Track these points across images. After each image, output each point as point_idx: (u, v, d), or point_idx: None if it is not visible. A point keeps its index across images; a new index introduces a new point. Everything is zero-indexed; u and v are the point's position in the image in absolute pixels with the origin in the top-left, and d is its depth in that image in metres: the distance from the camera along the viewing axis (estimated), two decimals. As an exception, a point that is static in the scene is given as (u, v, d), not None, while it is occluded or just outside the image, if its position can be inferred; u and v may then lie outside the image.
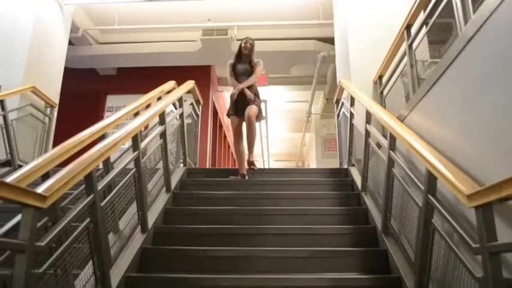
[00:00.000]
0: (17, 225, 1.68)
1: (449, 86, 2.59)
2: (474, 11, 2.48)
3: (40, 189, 1.70)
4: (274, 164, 17.66)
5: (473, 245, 1.70)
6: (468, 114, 2.30)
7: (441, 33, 3.21)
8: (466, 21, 2.55)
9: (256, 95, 4.98)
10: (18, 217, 1.69)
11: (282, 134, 14.59)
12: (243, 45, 4.95)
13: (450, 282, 2.02)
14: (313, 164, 11.50)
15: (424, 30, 3.48)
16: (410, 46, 3.70)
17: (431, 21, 3.24)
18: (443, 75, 2.63)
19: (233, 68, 4.99)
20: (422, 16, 3.53)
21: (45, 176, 1.92)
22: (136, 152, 2.98)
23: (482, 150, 2.11)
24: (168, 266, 2.64)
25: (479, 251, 1.64)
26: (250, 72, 4.93)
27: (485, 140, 2.08)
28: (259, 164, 16.85)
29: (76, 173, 1.98)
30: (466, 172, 2.03)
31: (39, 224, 1.75)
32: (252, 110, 4.81)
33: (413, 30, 3.72)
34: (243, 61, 4.98)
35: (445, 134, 2.59)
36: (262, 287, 2.64)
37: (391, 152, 2.99)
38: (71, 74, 7.22)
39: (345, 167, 4.88)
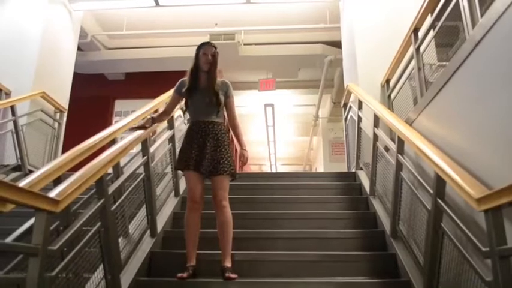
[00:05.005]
0: (29, 229, 1.71)
1: (458, 89, 2.59)
2: (482, 15, 2.48)
3: (52, 194, 1.72)
4: (281, 168, 17.61)
5: (483, 249, 1.70)
6: (477, 117, 2.30)
7: (449, 36, 3.20)
8: (473, 25, 2.54)
9: (225, 142, 2.81)
10: (31, 221, 1.72)
11: (289, 138, 14.58)
12: (202, 57, 2.81)
13: (460, 286, 2.01)
14: (320, 168, 11.45)
15: (431, 33, 3.47)
16: (417, 49, 3.69)
17: (438, 25, 3.24)
18: (451, 78, 2.62)
19: (188, 95, 2.87)
20: (429, 19, 3.53)
21: (57, 181, 1.95)
22: (145, 157, 3.01)
23: (492, 154, 2.10)
24: (177, 270, 2.65)
25: (489, 255, 1.64)
26: (215, 104, 2.80)
27: (494, 143, 2.08)
28: (266, 168, 16.92)
29: (88, 177, 2.01)
30: (475, 175, 2.02)
31: (51, 228, 1.77)
32: (221, 187, 2.75)
33: (420, 33, 3.71)
34: (202, 85, 2.83)
35: (454, 137, 2.58)
36: (271, 291, 2.64)
37: (399, 155, 2.99)
38: (79, 79, 7.31)
39: (353, 170, 4.88)
